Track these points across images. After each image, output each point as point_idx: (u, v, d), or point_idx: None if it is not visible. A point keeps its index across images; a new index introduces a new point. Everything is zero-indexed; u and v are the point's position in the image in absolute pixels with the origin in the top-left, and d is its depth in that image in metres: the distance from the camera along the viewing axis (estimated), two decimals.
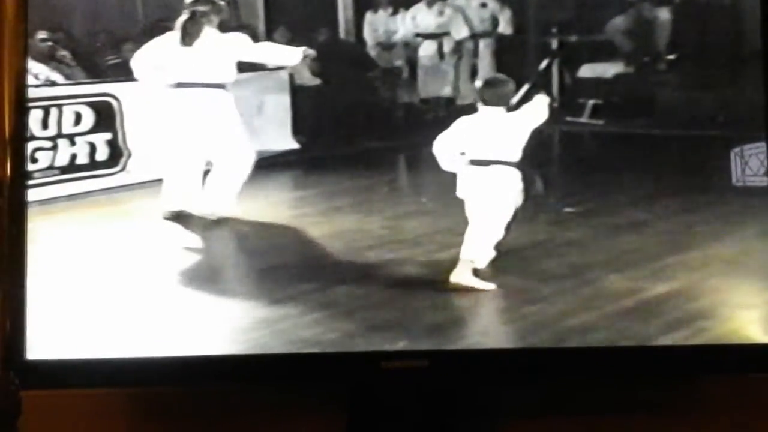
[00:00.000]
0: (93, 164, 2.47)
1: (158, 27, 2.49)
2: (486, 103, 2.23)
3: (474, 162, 2.20)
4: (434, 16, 2.73)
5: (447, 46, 2.78)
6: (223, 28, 2.56)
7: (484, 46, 2.81)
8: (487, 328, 2.24)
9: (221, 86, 2.53)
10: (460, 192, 2.23)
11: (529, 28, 2.74)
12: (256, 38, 2.61)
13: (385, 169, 2.58)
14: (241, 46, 2.54)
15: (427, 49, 2.77)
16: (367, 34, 2.73)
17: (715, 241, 2.33)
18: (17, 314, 2.15)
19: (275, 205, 2.60)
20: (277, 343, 2.17)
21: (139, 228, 2.47)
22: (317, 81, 2.65)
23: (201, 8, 2.50)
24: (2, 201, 2.20)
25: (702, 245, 2.33)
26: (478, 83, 2.30)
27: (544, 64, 2.70)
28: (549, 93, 2.70)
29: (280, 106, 2.64)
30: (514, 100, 2.69)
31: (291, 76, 2.64)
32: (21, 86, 2.23)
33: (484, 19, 2.82)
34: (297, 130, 2.64)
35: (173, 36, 2.50)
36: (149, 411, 2.31)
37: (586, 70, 2.71)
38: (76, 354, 2.14)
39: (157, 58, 2.46)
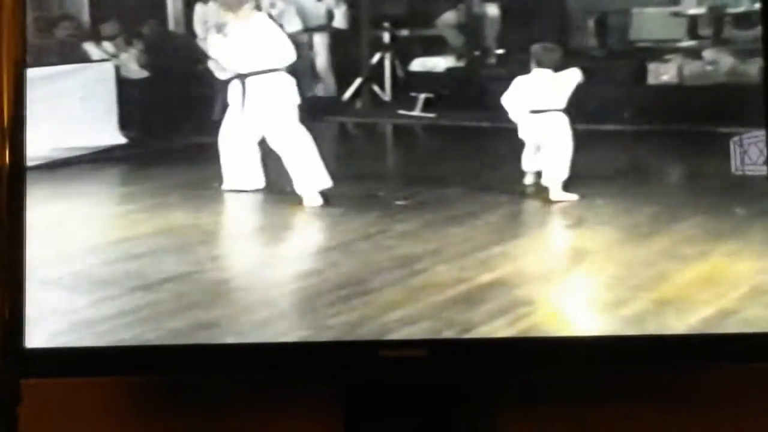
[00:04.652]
0: None
1: None
2: (540, 65, 2.56)
3: (533, 111, 2.57)
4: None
5: None
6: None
7: (319, 40, 2.81)
8: (312, 322, 2.21)
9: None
10: (522, 135, 2.53)
11: (362, 22, 2.76)
12: (81, 30, 2.54)
13: (215, 163, 2.53)
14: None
15: None
16: (197, 26, 2.68)
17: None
18: (16, 302, 2.13)
19: (101, 202, 2.53)
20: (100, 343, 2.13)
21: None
22: (145, 73, 2.60)
23: None
24: (1, 189, 2.19)
25: (526, 234, 2.41)
26: (536, 48, 2.60)
27: (376, 58, 2.72)
28: (381, 86, 2.73)
29: (106, 99, 2.56)
30: (348, 93, 2.70)
31: (117, 68, 2.57)
32: (19, 74, 2.22)
33: (319, 13, 2.81)
34: (124, 125, 2.57)
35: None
36: (148, 400, 2.31)
37: (418, 64, 2.74)
38: (75, 342, 2.13)
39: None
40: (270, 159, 2.63)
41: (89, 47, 2.57)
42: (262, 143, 2.64)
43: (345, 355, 2.16)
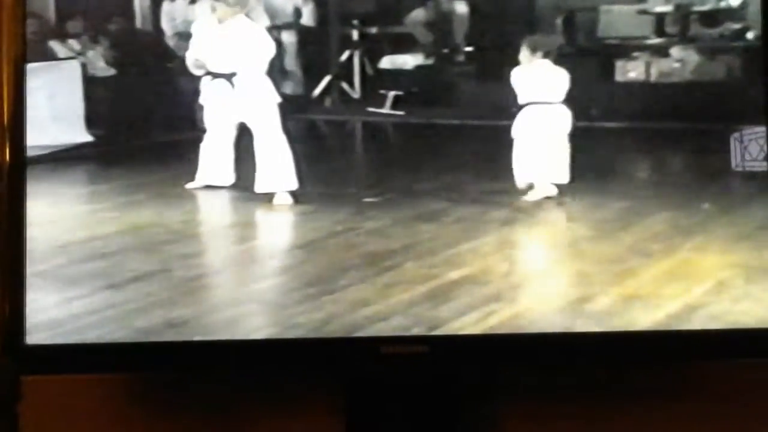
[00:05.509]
0: None
1: None
2: (542, 54, 2.55)
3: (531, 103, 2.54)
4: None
5: None
6: None
7: (287, 38, 2.80)
8: (280, 320, 2.21)
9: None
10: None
11: (330, 19, 2.75)
12: (46, 27, 2.52)
13: (183, 162, 2.52)
14: None
15: None
16: (165, 24, 2.67)
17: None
18: (16, 299, 2.13)
19: (68, 201, 2.51)
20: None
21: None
22: (112, 71, 2.58)
23: None
24: (1, 185, 2.21)
25: (495, 231, 2.40)
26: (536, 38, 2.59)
27: (345, 55, 2.72)
28: (350, 84, 2.72)
29: (73, 97, 2.54)
30: (317, 91, 2.70)
31: (83, 66, 2.55)
32: (19, 70, 2.23)
33: (286, 10, 2.80)
34: (91, 123, 2.55)
35: None
36: (149, 397, 2.31)
37: (387, 62, 2.74)
38: (76, 338, 2.12)
39: None
40: (242, 157, 2.63)
41: (55, 45, 2.54)
42: (238, 142, 2.65)
43: (345, 352, 2.16)
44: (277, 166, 2.57)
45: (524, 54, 2.52)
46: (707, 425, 2.34)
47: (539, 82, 2.54)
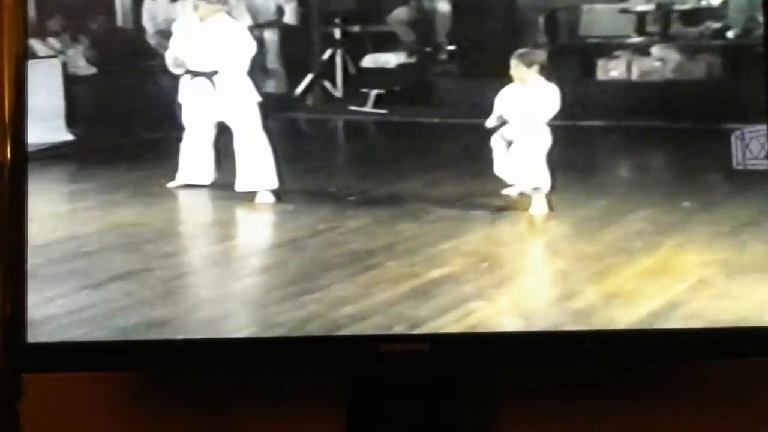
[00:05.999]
0: None
1: None
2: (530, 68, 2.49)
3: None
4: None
5: None
6: None
7: (269, 36, 2.80)
8: (260, 319, 2.20)
9: None
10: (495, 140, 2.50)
11: (313, 18, 2.75)
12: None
13: (164, 160, 2.51)
14: None
15: None
16: (147, 22, 2.66)
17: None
18: (17, 297, 2.13)
19: (48, 200, 2.49)
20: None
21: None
22: (93, 70, 2.57)
23: None
24: (2, 183, 2.20)
25: (477, 229, 2.40)
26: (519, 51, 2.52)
27: (327, 54, 2.71)
28: (333, 82, 2.72)
29: (53, 95, 2.53)
30: (299, 89, 2.70)
31: (64, 65, 2.54)
32: (20, 68, 2.23)
33: (269, 9, 2.80)
34: (71, 122, 2.54)
35: None
36: (151, 395, 2.30)
37: (369, 60, 2.74)
38: (77, 337, 2.11)
39: None
40: (222, 156, 2.62)
41: (35, 44, 2.53)
42: (218, 141, 2.64)
43: (345, 350, 2.15)
44: (257, 164, 2.56)
45: (519, 69, 2.47)
46: (707, 423, 2.34)
47: (529, 102, 2.49)
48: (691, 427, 2.35)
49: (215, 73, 2.63)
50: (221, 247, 2.48)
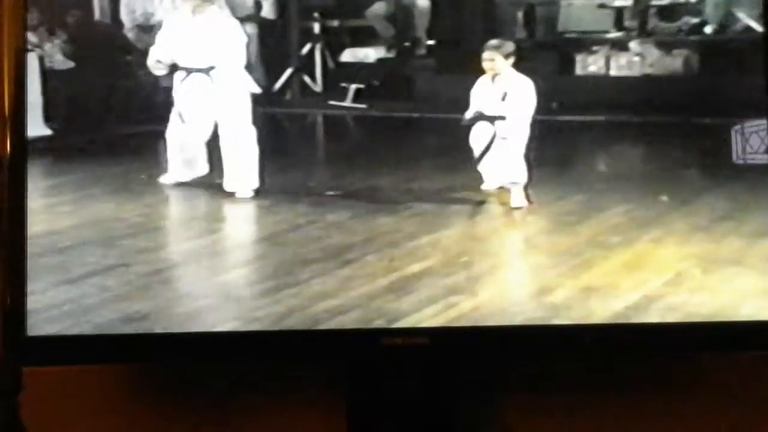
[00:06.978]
0: None
1: None
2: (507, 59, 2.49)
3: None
4: None
5: None
6: None
7: (248, 30, 2.78)
8: (239, 314, 2.19)
9: None
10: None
11: (291, 12, 2.74)
12: None
13: (142, 155, 2.50)
14: None
15: None
16: (124, 16, 2.64)
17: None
18: (18, 289, 2.15)
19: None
20: None
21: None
22: (70, 64, 2.55)
23: None
24: (2, 176, 2.20)
25: (456, 223, 2.41)
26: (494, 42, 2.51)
27: (306, 48, 2.71)
28: (312, 77, 2.71)
29: (30, 90, 2.50)
30: (278, 84, 2.69)
31: (41, 59, 2.52)
32: (20, 62, 2.24)
33: (246, 3, 2.79)
34: (48, 116, 2.52)
35: None
36: (151, 388, 2.32)
37: (349, 55, 2.73)
38: (78, 330, 2.12)
39: None
40: (214, 152, 2.62)
41: None
42: (211, 138, 2.62)
43: (346, 343, 2.16)
44: (245, 162, 2.53)
45: (497, 61, 2.47)
46: (705, 418, 2.36)
47: (507, 96, 2.50)
48: (690, 420, 2.36)
49: (212, 68, 2.62)
50: (200, 241, 2.46)
